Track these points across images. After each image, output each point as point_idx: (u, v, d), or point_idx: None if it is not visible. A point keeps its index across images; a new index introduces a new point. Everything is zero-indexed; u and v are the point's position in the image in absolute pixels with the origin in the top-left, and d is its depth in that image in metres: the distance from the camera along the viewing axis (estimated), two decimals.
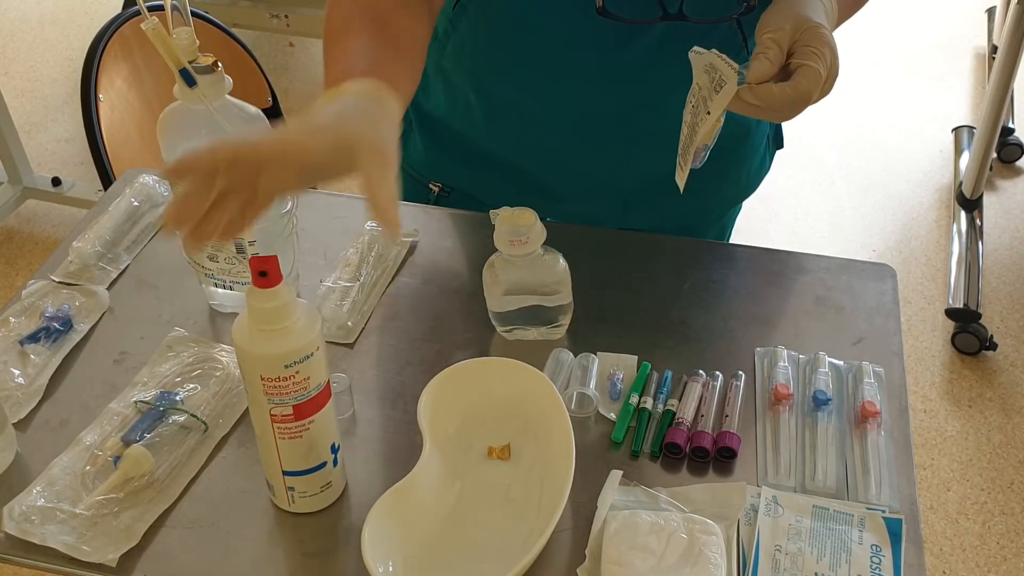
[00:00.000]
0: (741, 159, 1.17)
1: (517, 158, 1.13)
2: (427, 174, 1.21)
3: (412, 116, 1.20)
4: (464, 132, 1.14)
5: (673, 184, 1.14)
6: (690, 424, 0.90)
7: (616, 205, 1.15)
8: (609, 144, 1.09)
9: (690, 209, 1.15)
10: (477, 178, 1.17)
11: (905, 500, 0.84)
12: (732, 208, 1.24)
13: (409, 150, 1.23)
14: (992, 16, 3.34)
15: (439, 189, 1.20)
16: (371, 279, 1.06)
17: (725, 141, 1.12)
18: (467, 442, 0.88)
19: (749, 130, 1.14)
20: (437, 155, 1.19)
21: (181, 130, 0.92)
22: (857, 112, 3.14)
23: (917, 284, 2.50)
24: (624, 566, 0.77)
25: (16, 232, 2.73)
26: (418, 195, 1.22)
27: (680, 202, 1.15)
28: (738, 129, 1.12)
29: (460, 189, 1.20)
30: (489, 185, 1.16)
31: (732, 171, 1.17)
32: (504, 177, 1.14)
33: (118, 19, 1.58)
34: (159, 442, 0.89)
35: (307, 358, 0.76)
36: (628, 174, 1.12)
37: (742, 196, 1.23)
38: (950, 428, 2.15)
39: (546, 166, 1.12)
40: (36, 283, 1.06)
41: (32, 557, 0.82)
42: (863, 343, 0.99)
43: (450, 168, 1.19)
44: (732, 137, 1.12)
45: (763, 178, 1.23)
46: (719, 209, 1.22)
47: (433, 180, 1.21)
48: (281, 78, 3.27)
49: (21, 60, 3.46)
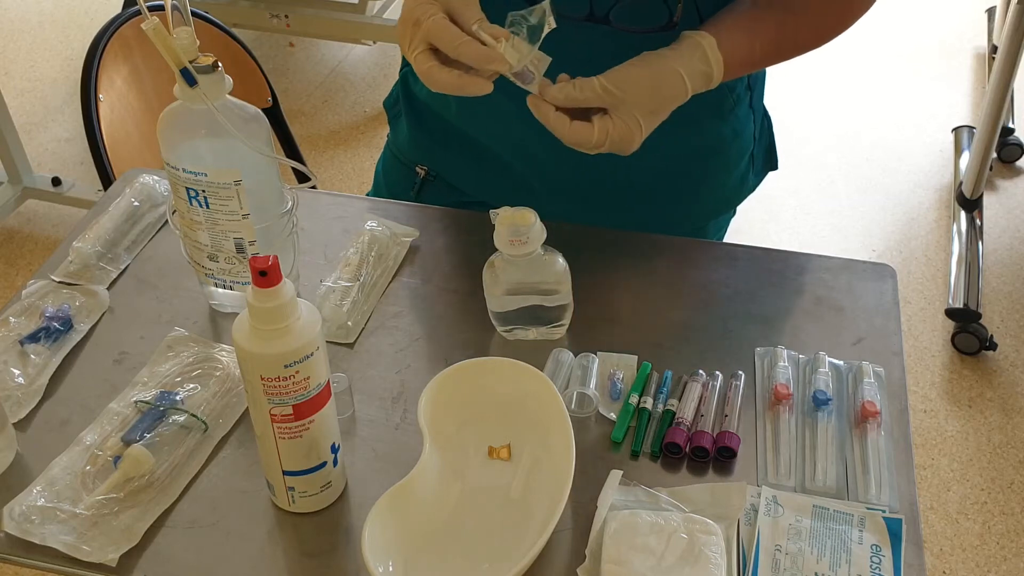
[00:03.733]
0: (715, 173, 1.16)
1: (490, 144, 1.14)
2: (413, 157, 1.23)
3: (403, 101, 1.21)
4: (443, 115, 1.16)
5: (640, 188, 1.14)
6: (690, 424, 0.90)
7: (584, 206, 1.14)
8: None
9: (661, 217, 1.15)
10: (457, 163, 1.18)
11: (905, 500, 0.84)
12: (710, 221, 1.22)
13: (398, 133, 1.24)
14: (992, 16, 3.34)
15: (424, 173, 1.22)
16: (371, 279, 1.06)
17: (697, 152, 1.13)
18: (467, 442, 0.88)
19: (723, 143, 1.14)
20: (421, 137, 1.21)
21: (181, 130, 0.92)
22: (857, 112, 3.14)
23: (917, 284, 2.50)
24: (624, 566, 0.77)
25: (16, 232, 2.73)
26: (405, 179, 1.23)
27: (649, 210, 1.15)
28: (711, 141, 1.12)
29: (442, 174, 1.21)
30: (467, 171, 1.16)
31: (707, 182, 1.17)
32: (481, 164, 1.15)
33: (118, 19, 1.57)
34: (159, 442, 0.89)
35: (307, 358, 0.76)
36: (586, 176, 1.11)
37: (720, 210, 1.22)
38: (950, 428, 2.15)
39: (516, 157, 1.13)
40: (36, 283, 1.06)
41: (32, 557, 0.82)
42: (863, 343, 0.99)
43: (433, 151, 1.20)
44: (705, 148, 1.13)
45: (746, 195, 1.22)
46: (694, 221, 1.20)
47: (419, 163, 1.22)
48: (281, 78, 3.27)
49: (21, 60, 3.46)
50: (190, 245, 0.99)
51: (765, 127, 1.20)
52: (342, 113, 3.14)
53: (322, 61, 3.38)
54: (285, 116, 1.83)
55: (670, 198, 1.16)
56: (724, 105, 1.10)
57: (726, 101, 1.10)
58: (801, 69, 3.27)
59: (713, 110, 1.10)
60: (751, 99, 1.14)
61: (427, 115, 1.18)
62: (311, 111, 3.15)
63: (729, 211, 1.24)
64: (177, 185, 0.93)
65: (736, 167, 1.17)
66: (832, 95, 3.23)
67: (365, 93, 3.21)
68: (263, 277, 0.73)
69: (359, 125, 3.09)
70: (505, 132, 1.11)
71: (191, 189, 0.93)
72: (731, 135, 1.13)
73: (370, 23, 2.96)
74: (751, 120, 1.15)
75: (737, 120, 1.13)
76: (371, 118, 3.10)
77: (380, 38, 3.02)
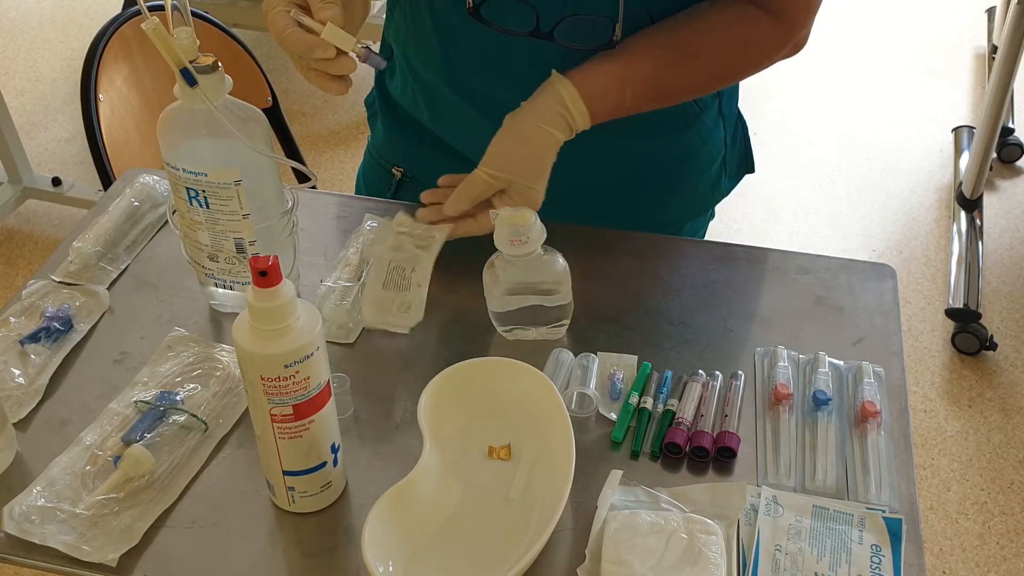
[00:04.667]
0: (686, 177, 1.17)
1: (460, 146, 1.14)
2: (388, 158, 1.23)
3: (378, 99, 1.21)
4: (415, 115, 1.16)
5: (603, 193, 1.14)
6: (690, 424, 0.90)
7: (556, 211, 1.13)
8: None
9: (634, 221, 1.14)
10: (430, 164, 1.18)
11: (905, 500, 0.84)
12: (685, 223, 1.22)
13: (375, 132, 1.24)
14: (992, 16, 3.34)
15: (401, 174, 1.22)
16: None
17: (665, 158, 1.13)
18: (467, 442, 0.88)
19: (692, 150, 1.14)
20: (396, 138, 1.21)
21: (181, 130, 0.92)
22: (857, 112, 3.14)
23: (917, 284, 2.50)
24: (624, 566, 0.77)
25: (16, 232, 2.73)
26: (381, 180, 1.24)
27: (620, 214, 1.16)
28: (679, 148, 1.13)
29: (417, 176, 1.21)
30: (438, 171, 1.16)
31: (679, 187, 1.17)
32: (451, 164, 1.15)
33: (118, 19, 1.57)
34: (159, 442, 0.89)
35: (307, 358, 0.76)
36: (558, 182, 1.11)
37: (695, 213, 1.23)
38: (950, 428, 2.15)
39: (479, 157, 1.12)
40: (36, 283, 1.06)
41: (32, 557, 0.82)
42: (863, 343, 0.99)
43: (407, 151, 1.21)
44: (673, 155, 1.13)
45: (718, 199, 1.22)
46: (669, 224, 1.20)
47: (395, 164, 1.22)
48: (281, 78, 3.27)
49: (21, 60, 3.46)
50: (190, 245, 0.99)
51: (739, 132, 1.20)
52: (342, 113, 3.14)
53: None
54: (285, 116, 1.83)
55: (642, 202, 1.16)
56: (689, 114, 1.10)
57: (691, 110, 1.10)
58: (801, 69, 3.28)
59: (678, 120, 1.10)
60: (720, 105, 1.14)
61: (401, 115, 1.19)
62: (311, 111, 3.15)
63: (705, 213, 1.24)
64: (177, 185, 0.93)
65: (707, 172, 1.18)
66: (832, 95, 3.23)
67: (365, 93, 3.20)
68: (263, 277, 0.73)
69: (359, 125, 3.08)
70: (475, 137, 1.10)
71: (191, 189, 0.93)
72: (698, 142, 1.13)
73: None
74: (720, 126, 1.15)
75: (704, 127, 1.13)
76: None
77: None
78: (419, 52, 1.10)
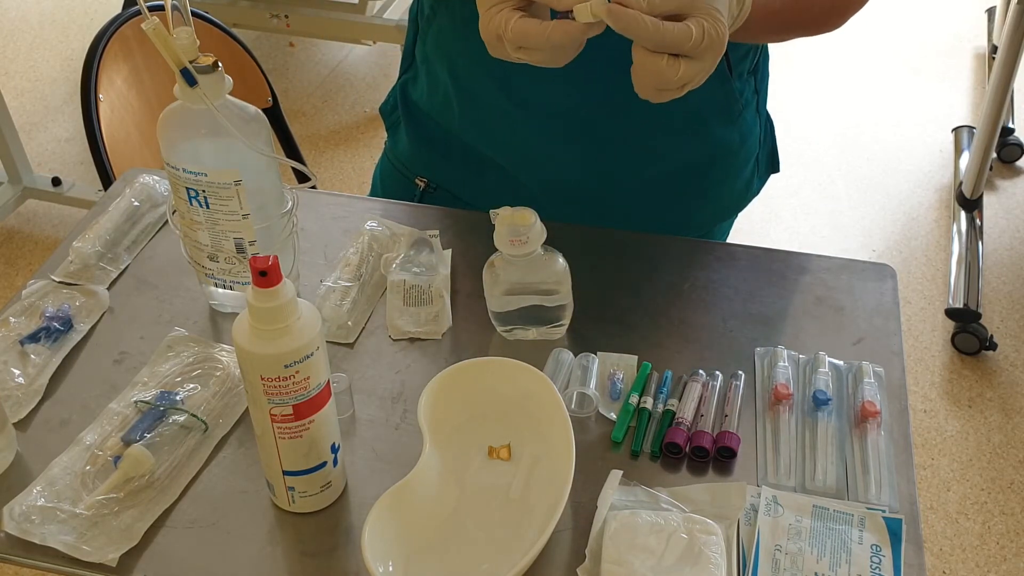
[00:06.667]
0: (722, 178, 1.17)
1: (493, 154, 1.13)
2: (412, 168, 1.22)
3: (401, 109, 1.21)
4: (444, 124, 1.15)
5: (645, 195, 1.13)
6: (690, 424, 0.90)
7: (587, 211, 1.14)
8: (575, 145, 1.09)
9: (666, 223, 1.15)
10: (456, 172, 1.18)
11: (905, 500, 0.84)
12: (715, 225, 1.23)
13: (397, 142, 1.24)
14: (992, 16, 3.34)
15: (424, 184, 1.21)
16: (371, 279, 1.06)
17: (705, 157, 1.13)
18: (467, 442, 0.88)
19: (731, 148, 1.14)
20: (421, 148, 1.20)
21: (181, 130, 0.92)
22: (857, 112, 3.14)
23: (917, 284, 2.50)
24: (624, 566, 0.77)
25: (16, 232, 2.73)
26: (405, 190, 1.23)
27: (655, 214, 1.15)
28: (720, 146, 1.13)
29: (443, 185, 1.20)
30: (466, 181, 1.16)
31: (714, 187, 1.17)
32: (481, 173, 1.15)
33: (118, 19, 1.57)
34: (159, 442, 0.89)
35: (307, 358, 0.76)
36: (595, 179, 1.11)
37: (725, 216, 1.23)
38: (950, 428, 2.15)
39: (518, 164, 1.13)
40: (36, 283, 1.06)
41: (32, 557, 0.82)
42: (863, 343, 0.99)
43: (432, 161, 1.20)
44: (713, 154, 1.13)
45: (750, 199, 1.23)
46: (699, 227, 1.21)
47: (418, 175, 1.21)
48: (281, 78, 3.27)
49: (21, 60, 3.46)
50: (190, 245, 0.99)
51: (769, 131, 1.21)
52: (342, 113, 3.14)
53: (322, 61, 3.39)
54: (285, 116, 1.83)
55: (677, 204, 1.16)
56: (733, 110, 1.10)
57: (735, 106, 1.10)
58: (801, 69, 3.29)
59: (722, 115, 1.10)
60: (757, 103, 1.14)
61: (428, 124, 1.18)
62: (311, 111, 3.15)
63: (735, 214, 1.25)
64: (177, 185, 0.93)
65: (743, 171, 1.18)
66: (832, 95, 3.23)
67: (365, 93, 3.21)
68: (263, 277, 0.73)
69: (359, 125, 3.09)
70: (509, 139, 1.10)
71: (191, 189, 0.93)
72: (739, 140, 1.13)
73: (370, 23, 2.96)
74: (757, 124, 1.16)
75: (745, 124, 1.13)
76: (371, 118, 3.10)
77: (380, 38, 3.01)
78: (466, 54, 1.08)
